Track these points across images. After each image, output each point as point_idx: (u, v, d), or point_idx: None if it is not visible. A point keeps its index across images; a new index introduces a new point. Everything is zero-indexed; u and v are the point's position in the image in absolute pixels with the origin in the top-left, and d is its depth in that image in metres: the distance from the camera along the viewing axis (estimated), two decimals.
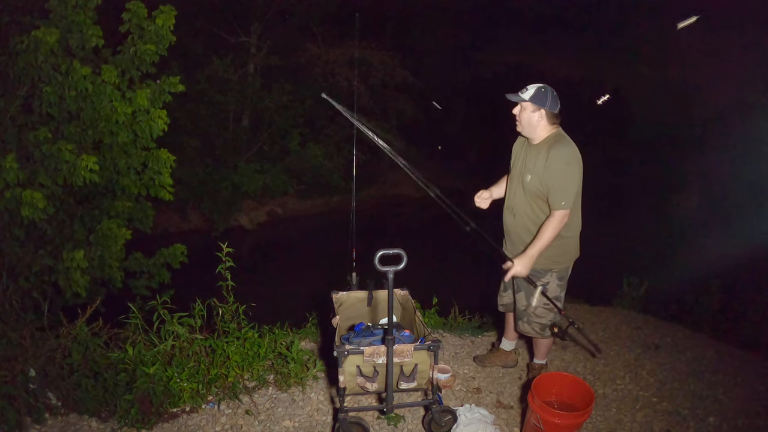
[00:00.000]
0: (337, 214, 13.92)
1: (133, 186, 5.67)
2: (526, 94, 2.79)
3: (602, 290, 5.65)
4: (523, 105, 2.81)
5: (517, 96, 2.82)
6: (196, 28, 14.19)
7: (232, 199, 14.32)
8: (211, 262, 3.37)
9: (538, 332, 3.03)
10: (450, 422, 2.78)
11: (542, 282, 2.88)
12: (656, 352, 3.96)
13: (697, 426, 3.08)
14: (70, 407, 2.95)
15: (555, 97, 2.79)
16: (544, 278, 2.90)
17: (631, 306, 5.33)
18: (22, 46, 4.95)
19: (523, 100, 2.79)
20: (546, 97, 2.77)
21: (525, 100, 2.78)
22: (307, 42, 16.27)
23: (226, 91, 14.56)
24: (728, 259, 6.79)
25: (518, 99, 2.82)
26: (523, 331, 3.08)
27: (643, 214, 14.77)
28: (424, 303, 4.10)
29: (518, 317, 3.08)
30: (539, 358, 3.31)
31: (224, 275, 3.28)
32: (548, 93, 2.78)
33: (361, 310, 3.19)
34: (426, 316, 4.18)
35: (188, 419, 2.95)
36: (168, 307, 3.17)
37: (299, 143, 15.67)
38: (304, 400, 3.13)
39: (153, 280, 6.35)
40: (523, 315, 3.02)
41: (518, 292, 3.03)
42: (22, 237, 5.33)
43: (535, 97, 2.77)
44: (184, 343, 3.15)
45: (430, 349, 2.54)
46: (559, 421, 2.49)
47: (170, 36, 5.43)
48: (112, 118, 5.21)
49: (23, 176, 4.96)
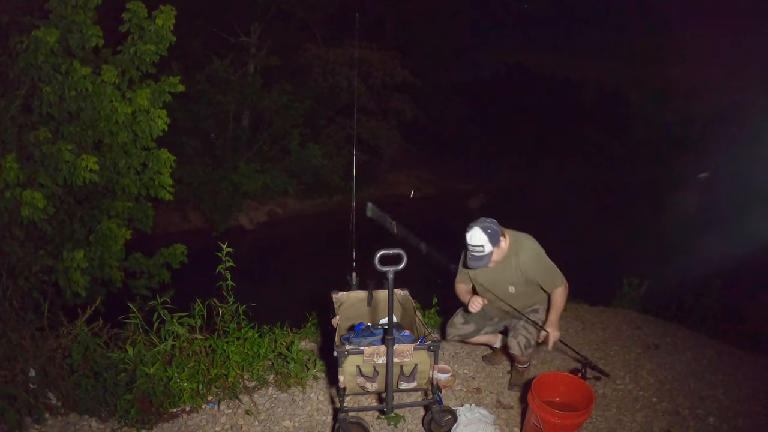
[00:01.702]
0: (337, 214, 13.91)
1: (133, 186, 5.67)
2: (486, 247, 2.81)
3: (602, 290, 5.65)
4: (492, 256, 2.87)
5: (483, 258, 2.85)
6: (196, 28, 14.17)
7: (232, 199, 14.31)
8: (211, 262, 3.37)
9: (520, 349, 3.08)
10: (450, 422, 2.78)
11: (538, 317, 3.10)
12: (656, 352, 3.96)
13: (697, 426, 3.08)
14: (70, 407, 2.95)
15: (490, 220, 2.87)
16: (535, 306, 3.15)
17: (631, 306, 5.33)
18: (22, 46, 4.95)
19: (490, 255, 2.84)
20: (496, 229, 2.85)
21: (491, 252, 2.84)
22: (307, 42, 16.25)
23: (226, 91, 14.54)
24: (728, 259, 6.79)
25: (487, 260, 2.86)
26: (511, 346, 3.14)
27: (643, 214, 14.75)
28: (424, 303, 4.10)
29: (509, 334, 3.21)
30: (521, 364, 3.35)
31: (224, 275, 3.28)
32: (492, 223, 2.86)
33: (361, 310, 3.19)
34: (426, 316, 4.18)
35: (188, 419, 2.95)
36: (168, 307, 3.17)
37: (299, 143, 15.67)
38: (304, 400, 3.13)
39: (153, 280, 6.35)
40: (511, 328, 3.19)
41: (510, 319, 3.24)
42: (22, 237, 5.33)
43: (492, 240, 2.82)
44: (184, 343, 3.15)
45: (430, 349, 2.54)
46: (559, 421, 2.49)
47: (170, 36, 5.42)
48: (112, 118, 5.20)
49: (23, 176, 4.96)
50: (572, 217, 13.41)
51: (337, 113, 16.54)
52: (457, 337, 3.35)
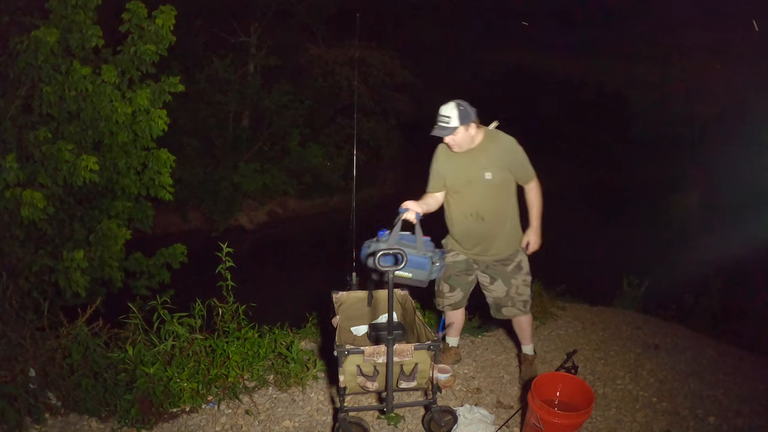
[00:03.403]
0: (337, 214, 13.92)
1: (133, 186, 5.67)
2: (453, 120, 2.78)
3: (602, 290, 5.65)
4: (456, 132, 2.81)
5: (446, 128, 2.80)
6: (196, 28, 14.16)
7: (232, 199, 14.31)
8: (211, 262, 3.38)
9: (523, 310, 3.16)
10: (450, 422, 2.78)
11: (516, 261, 3.09)
12: (656, 352, 3.96)
13: (697, 426, 3.08)
14: (70, 407, 2.95)
15: (468, 104, 2.84)
16: (517, 258, 3.10)
17: (631, 306, 5.33)
18: (22, 46, 4.95)
19: (454, 128, 2.80)
20: (468, 110, 2.81)
21: (456, 126, 2.79)
22: (307, 42, 16.25)
23: (226, 91, 14.55)
24: (728, 259, 6.79)
25: (449, 131, 2.81)
26: (508, 315, 3.19)
27: (643, 214, 14.75)
28: (424, 303, 4.10)
29: (500, 305, 3.17)
30: (526, 342, 3.38)
31: (224, 275, 3.28)
32: (465, 105, 2.82)
33: (361, 309, 3.19)
34: (426, 316, 4.18)
35: (188, 419, 2.95)
36: (168, 307, 3.17)
37: (299, 143, 15.67)
38: (304, 400, 3.13)
39: (153, 280, 6.35)
40: (506, 301, 3.14)
41: (493, 282, 3.13)
42: (22, 237, 5.33)
43: (462, 117, 2.78)
44: (184, 343, 3.15)
45: (430, 349, 2.54)
46: (559, 421, 2.49)
47: (170, 36, 5.43)
48: (112, 118, 5.21)
49: (23, 176, 4.96)
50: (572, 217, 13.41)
51: (337, 113, 16.54)
52: (448, 307, 3.30)
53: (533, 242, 3.05)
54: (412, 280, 2.73)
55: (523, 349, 3.43)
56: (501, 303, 3.17)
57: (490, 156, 2.91)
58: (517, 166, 2.96)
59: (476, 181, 2.94)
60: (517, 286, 3.11)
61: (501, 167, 2.92)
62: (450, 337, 3.57)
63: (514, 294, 3.12)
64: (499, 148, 2.93)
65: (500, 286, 3.12)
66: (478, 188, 2.95)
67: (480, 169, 2.91)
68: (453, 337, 3.58)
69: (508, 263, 3.08)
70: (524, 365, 3.41)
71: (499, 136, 2.96)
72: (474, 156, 2.92)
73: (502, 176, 2.93)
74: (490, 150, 2.92)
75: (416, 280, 2.74)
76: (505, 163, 2.92)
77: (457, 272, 3.17)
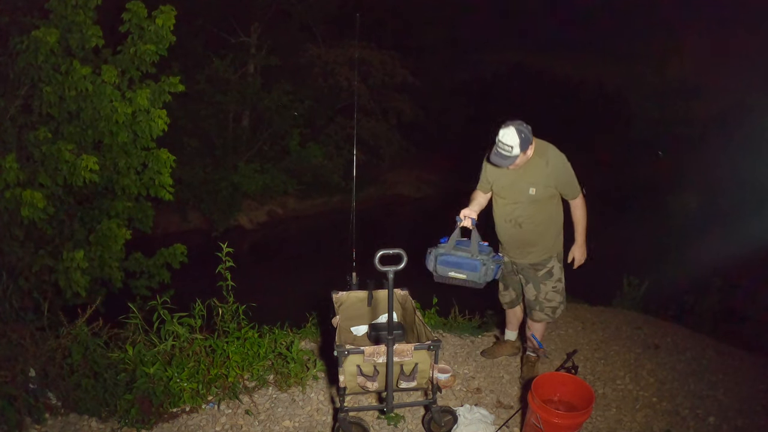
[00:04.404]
0: (337, 214, 13.90)
1: (133, 186, 5.67)
2: (515, 149, 2.76)
3: (602, 290, 5.64)
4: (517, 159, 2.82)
5: (508, 158, 2.79)
6: (196, 28, 14.15)
7: (232, 199, 14.30)
8: (211, 262, 3.37)
9: (551, 315, 3.22)
10: (450, 422, 2.78)
11: (548, 267, 3.13)
12: (656, 352, 3.96)
13: (697, 426, 3.08)
14: (70, 407, 2.95)
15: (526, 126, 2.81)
16: (549, 264, 3.14)
17: (631, 306, 5.33)
18: (22, 46, 4.95)
19: (516, 157, 2.79)
20: (529, 136, 2.80)
21: (518, 155, 2.78)
22: (307, 42, 16.24)
23: (226, 91, 14.53)
24: (728, 259, 6.78)
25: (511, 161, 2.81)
26: (539, 318, 3.25)
27: (643, 214, 14.74)
28: (424, 303, 4.10)
29: (531, 308, 3.26)
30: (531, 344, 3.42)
31: (224, 275, 3.28)
32: (523, 126, 2.79)
33: (361, 310, 3.19)
34: (426, 316, 4.18)
35: (188, 419, 2.95)
36: (168, 307, 3.17)
37: (299, 143, 15.67)
38: (304, 400, 3.13)
39: (153, 280, 6.35)
40: (535, 304, 3.21)
41: (527, 284, 3.21)
42: (22, 237, 5.33)
43: (522, 145, 2.77)
44: (184, 343, 3.15)
45: (430, 349, 2.54)
46: (559, 421, 2.49)
47: (170, 36, 5.42)
48: (112, 118, 5.20)
49: (23, 176, 4.95)
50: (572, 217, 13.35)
51: (337, 113, 16.54)
52: (505, 305, 3.47)
53: (578, 257, 3.14)
54: (467, 282, 2.85)
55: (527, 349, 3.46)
56: (532, 306, 3.25)
57: (538, 172, 2.92)
58: (564, 184, 2.99)
59: (520, 194, 2.98)
60: (546, 292, 3.16)
61: (546, 185, 2.94)
62: (508, 331, 3.66)
63: (543, 299, 3.18)
64: (549, 165, 2.92)
65: (531, 289, 3.20)
66: (521, 200, 3.00)
67: (526, 184, 2.95)
68: (512, 331, 3.65)
69: (540, 268, 3.13)
70: (525, 366, 3.42)
71: (549, 152, 2.95)
72: (522, 169, 2.94)
73: (546, 192, 2.97)
74: (539, 166, 2.92)
75: (470, 281, 2.84)
76: (552, 181, 2.94)
77: (507, 272, 3.29)
